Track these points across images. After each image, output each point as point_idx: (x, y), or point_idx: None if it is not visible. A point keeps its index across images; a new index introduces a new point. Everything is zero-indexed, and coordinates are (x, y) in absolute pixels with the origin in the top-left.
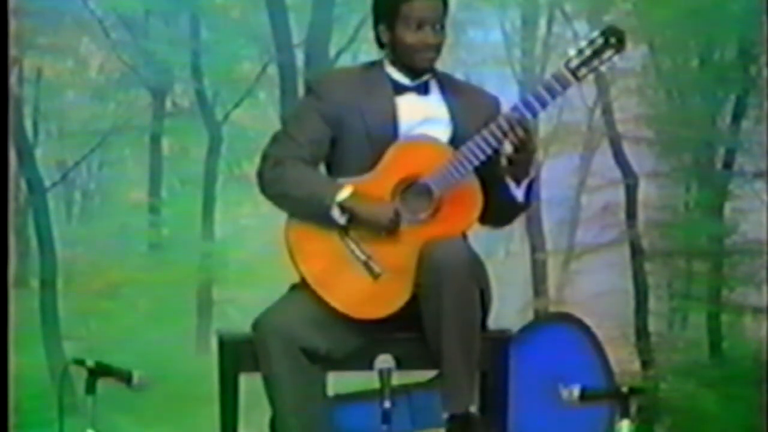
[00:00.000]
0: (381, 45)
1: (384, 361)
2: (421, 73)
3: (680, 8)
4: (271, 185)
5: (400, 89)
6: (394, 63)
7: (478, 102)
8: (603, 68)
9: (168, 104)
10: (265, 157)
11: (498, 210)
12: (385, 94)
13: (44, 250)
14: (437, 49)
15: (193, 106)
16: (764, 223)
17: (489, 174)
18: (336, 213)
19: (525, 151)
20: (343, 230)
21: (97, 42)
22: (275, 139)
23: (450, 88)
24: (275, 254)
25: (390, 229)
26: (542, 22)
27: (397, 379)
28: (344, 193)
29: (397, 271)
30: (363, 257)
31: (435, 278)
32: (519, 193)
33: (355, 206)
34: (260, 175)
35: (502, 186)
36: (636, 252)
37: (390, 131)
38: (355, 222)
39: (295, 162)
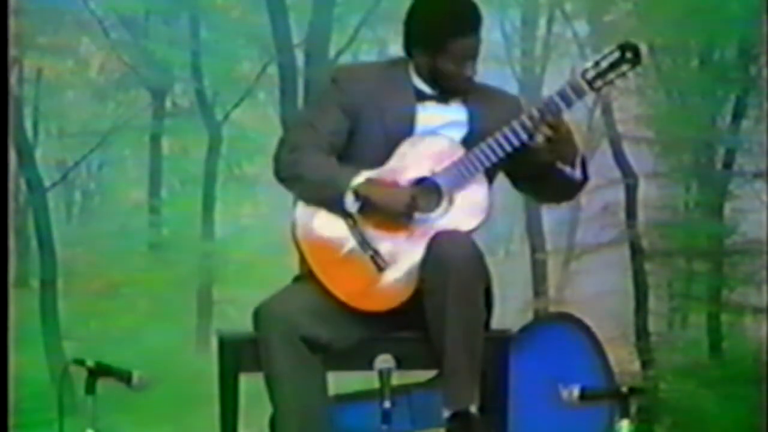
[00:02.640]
0: (409, 54)
1: (384, 361)
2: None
3: (680, 8)
4: (287, 168)
5: (421, 96)
6: (420, 74)
7: (499, 105)
8: (618, 81)
9: (168, 104)
10: (283, 143)
11: (560, 190)
12: (407, 97)
13: (44, 250)
14: (471, 80)
15: (193, 106)
16: (764, 223)
17: (536, 165)
18: (349, 199)
19: (559, 133)
20: (352, 222)
21: (97, 42)
22: (295, 126)
23: (472, 94)
24: (275, 254)
25: (406, 215)
26: (542, 22)
27: (397, 378)
28: (359, 179)
29: (402, 265)
30: (369, 251)
31: (440, 273)
32: (576, 173)
33: (370, 192)
34: (277, 158)
35: (556, 172)
36: (636, 252)
37: (407, 133)
38: (369, 208)
39: (313, 149)
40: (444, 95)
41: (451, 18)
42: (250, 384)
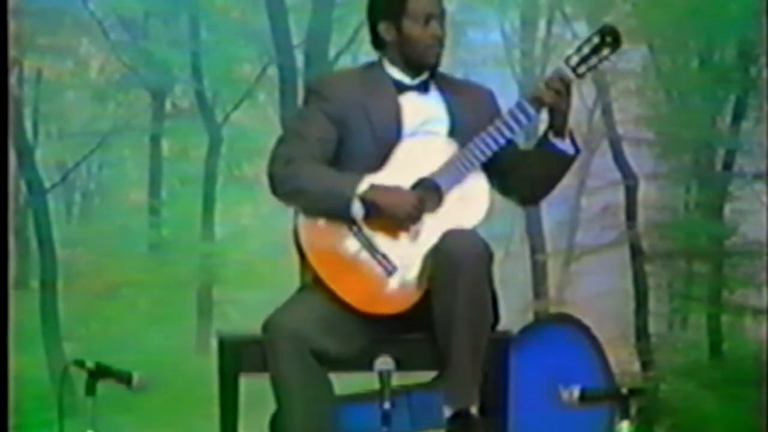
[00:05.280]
0: (377, 45)
1: (384, 362)
2: (425, 69)
3: (680, 8)
4: (285, 183)
5: (401, 88)
6: (394, 62)
7: (474, 97)
8: (600, 66)
9: (168, 105)
10: (275, 158)
11: (551, 171)
12: (388, 93)
13: (44, 251)
14: (442, 43)
15: (192, 107)
16: (764, 224)
17: (516, 154)
18: (356, 206)
19: (562, 103)
20: (357, 227)
21: (97, 43)
22: (283, 139)
23: (447, 86)
24: (275, 254)
25: (413, 217)
26: (542, 23)
27: (398, 379)
28: (364, 185)
29: (409, 267)
30: (377, 254)
31: (450, 269)
32: (567, 146)
33: (376, 197)
34: (272, 174)
35: (548, 146)
36: (636, 253)
37: (394, 131)
38: (375, 213)
39: (307, 159)
40: (422, 85)
41: None
42: (251, 385)
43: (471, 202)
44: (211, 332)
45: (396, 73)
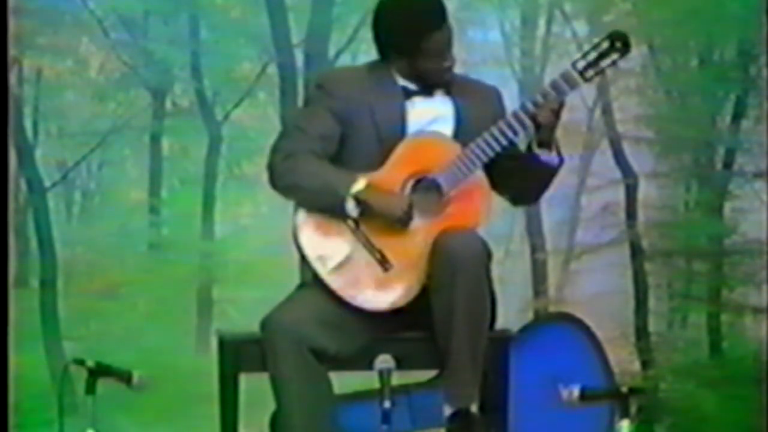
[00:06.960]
0: (383, 55)
1: (384, 361)
2: (435, 88)
3: (680, 8)
4: (283, 177)
5: (408, 93)
6: (402, 73)
7: (480, 97)
8: (608, 70)
9: (168, 104)
10: (275, 150)
11: (535, 180)
12: (394, 94)
13: (44, 250)
14: (451, 69)
15: (192, 106)
16: (764, 223)
17: (510, 157)
18: (350, 205)
19: (552, 119)
20: (354, 224)
21: (97, 42)
22: (285, 133)
23: (453, 86)
24: (275, 253)
25: (404, 221)
26: (542, 22)
27: (397, 379)
28: (359, 185)
29: (407, 264)
30: (374, 251)
31: (449, 269)
32: (553, 158)
33: (370, 198)
34: (271, 167)
35: (533, 158)
36: (636, 252)
37: (399, 131)
38: (368, 214)
39: (306, 155)
40: (428, 89)
41: (419, 18)
42: (250, 384)
43: (471, 203)
44: (211, 331)
45: (403, 81)
